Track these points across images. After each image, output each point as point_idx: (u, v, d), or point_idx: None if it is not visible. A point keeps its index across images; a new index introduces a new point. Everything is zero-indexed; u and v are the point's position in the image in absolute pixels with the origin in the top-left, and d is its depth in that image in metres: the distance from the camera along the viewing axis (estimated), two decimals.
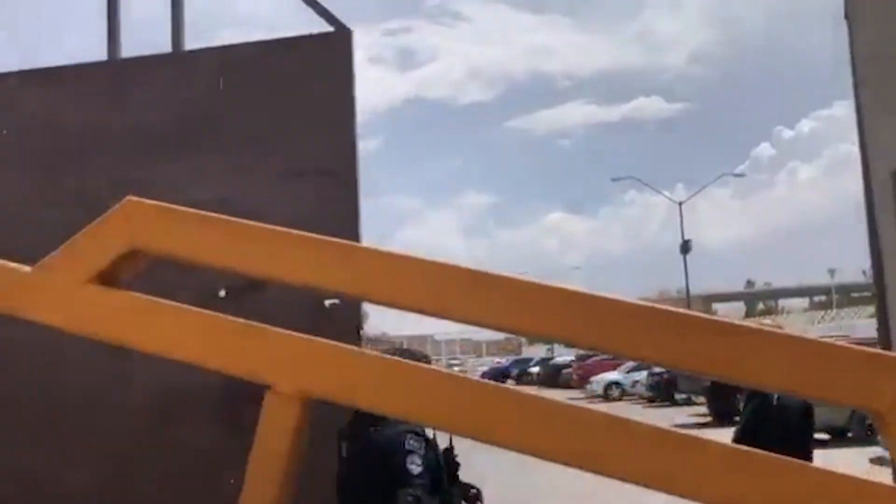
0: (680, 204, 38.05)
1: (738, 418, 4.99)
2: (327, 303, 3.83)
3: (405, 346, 3.99)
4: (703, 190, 39.81)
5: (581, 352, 50.61)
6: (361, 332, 3.84)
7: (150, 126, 4.06)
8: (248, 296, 3.88)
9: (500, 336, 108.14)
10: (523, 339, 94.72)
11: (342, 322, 3.81)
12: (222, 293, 3.88)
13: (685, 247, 37.26)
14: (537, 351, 68.91)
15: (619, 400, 29.00)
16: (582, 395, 31.48)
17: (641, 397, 27.37)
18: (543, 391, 39.14)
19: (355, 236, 3.89)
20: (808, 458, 4.81)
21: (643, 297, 58.22)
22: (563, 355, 49.77)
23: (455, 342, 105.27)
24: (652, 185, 39.40)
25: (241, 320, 1.35)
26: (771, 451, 1.13)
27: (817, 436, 6.69)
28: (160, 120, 4.02)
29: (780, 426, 4.56)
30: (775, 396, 4.56)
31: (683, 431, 1.22)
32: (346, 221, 3.87)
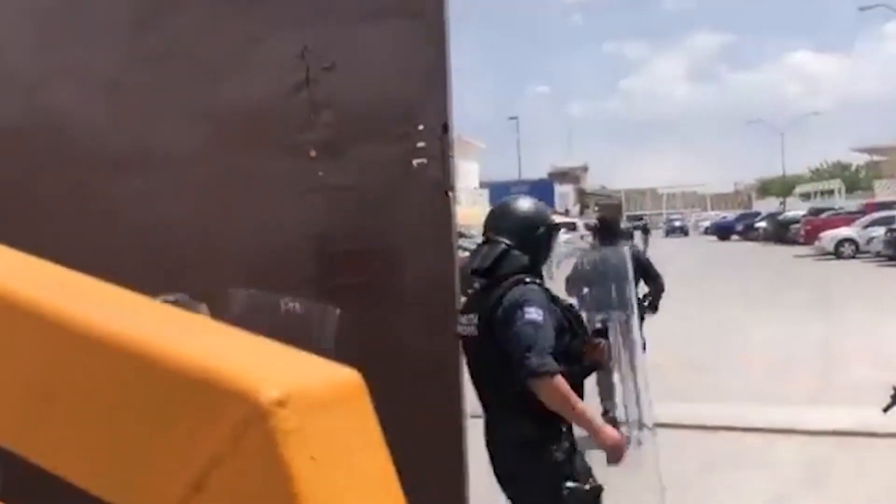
0: None
1: None
2: (415, 162, 3.48)
3: (515, 205, 3.48)
4: None
5: (814, 205, 46.90)
6: (451, 194, 3.46)
7: None
8: (336, 155, 3.64)
9: (728, 189, 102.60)
10: (753, 193, 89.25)
11: (430, 183, 3.46)
12: (312, 153, 3.64)
13: None
14: (768, 205, 64.70)
15: (853, 258, 26.62)
16: (811, 253, 29.30)
17: (879, 255, 24.88)
18: (769, 247, 36.99)
19: (442, 85, 3.46)
20: None
21: (894, 142, 52.24)
22: (796, 209, 46.38)
23: (677, 196, 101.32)
24: None
25: None
26: None
27: None
28: None
29: None
30: None
31: None
32: (431, 68, 3.45)
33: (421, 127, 3.45)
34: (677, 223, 63.58)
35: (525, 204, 3.40)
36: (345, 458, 0.54)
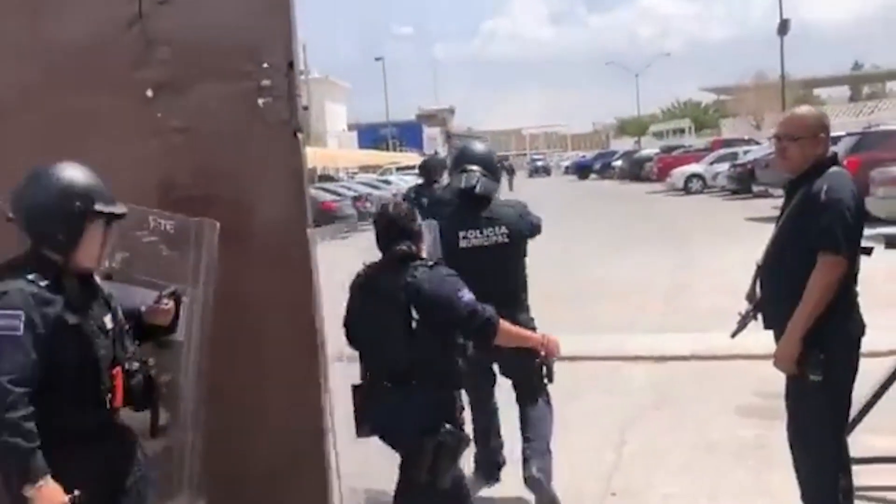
0: None
1: None
2: (260, 101, 3.35)
3: (476, 146, 4.47)
4: None
5: (666, 144, 49.06)
6: (300, 135, 3.35)
7: None
8: (175, 94, 3.44)
9: (587, 129, 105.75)
10: (610, 133, 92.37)
11: (276, 124, 3.34)
12: (149, 93, 3.43)
13: (783, 27, 34.41)
14: (624, 145, 67.16)
15: (700, 193, 28.11)
16: (663, 189, 30.71)
17: (724, 189, 26.39)
18: (625, 185, 38.50)
19: (286, 19, 3.33)
20: None
21: (739, 82, 55.05)
22: (651, 148, 48.36)
23: (540, 137, 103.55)
24: None
25: None
26: None
27: None
28: None
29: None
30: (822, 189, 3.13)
31: None
32: (274, 2, 3.31)
33: (265, 64, 3.31)
34: (540, 163, 64.98)
35: (483, 145, 4.61)
36: None
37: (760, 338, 3.53)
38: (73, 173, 2.48)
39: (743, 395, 5.56)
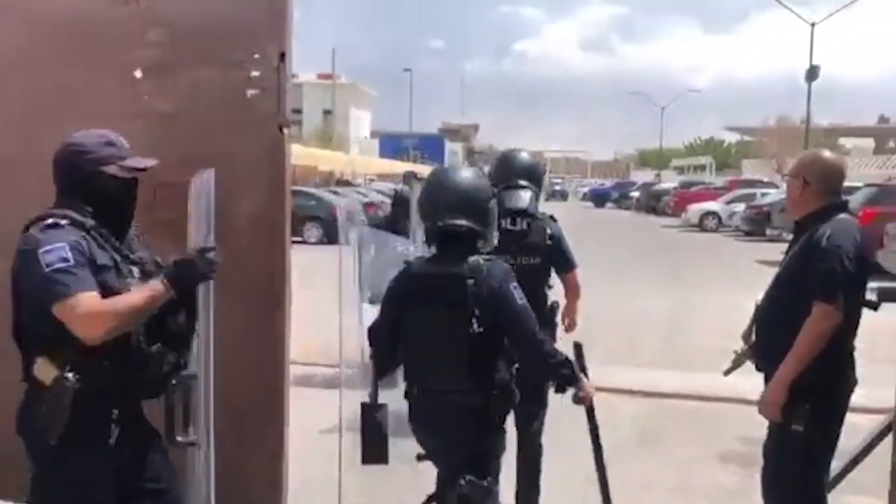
0: (812, 25, 34.48)
1: None
2: (249, 93, 3.26)
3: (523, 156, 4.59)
4: (849, 11, 35.41)
5: (686, 179, 48.81)
6: (286, 131, 3.26)
7: None
8: (164, 78, 3.36)
9: (609, 157, 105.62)
10: (632, 163, 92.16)
11: (262, 116, 3.24)
12: (138, 74, 3.35)
13: (811, 73, 34.15)
14: (645, 176, 66.93)
15: (715, 231, 27.89)
16: (678, 224, 30.50)
17: (738, 230, 26.18)
18: (640, 217, 38.32)
19: (282, 10, 3.24)
20: None
21: (762, 124, 54.82)
22: (671, 182, 48.16)
23: (560, 161, 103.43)
24: (781, 0, 35.28)
25: None
26: None
27: None
28: None
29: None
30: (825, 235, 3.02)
31: None
32: None
33: (256, 55, 3.22)
34: (557, 188, 64.77)
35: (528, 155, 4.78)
36: None
37: (753, 380, 3.42)
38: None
39: (727, 440, 5.41)
